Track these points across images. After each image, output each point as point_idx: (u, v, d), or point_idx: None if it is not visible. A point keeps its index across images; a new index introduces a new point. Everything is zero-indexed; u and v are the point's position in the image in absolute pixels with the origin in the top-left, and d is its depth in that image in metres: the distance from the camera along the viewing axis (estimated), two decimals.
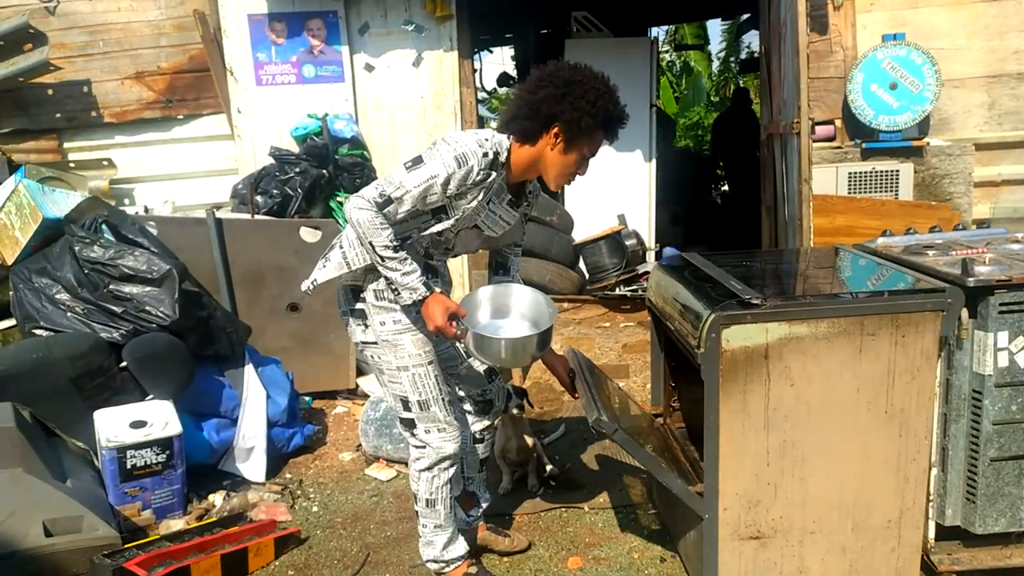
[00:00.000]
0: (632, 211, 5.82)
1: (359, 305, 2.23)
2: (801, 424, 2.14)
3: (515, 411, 2.92)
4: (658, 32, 13.01)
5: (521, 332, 2.27)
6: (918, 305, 2.10)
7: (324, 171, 4.78)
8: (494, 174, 2.10)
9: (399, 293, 2.08)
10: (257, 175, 4.74)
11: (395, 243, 2.03)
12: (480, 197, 2.12)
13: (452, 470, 2.35)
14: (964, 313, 2.14)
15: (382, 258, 2.03)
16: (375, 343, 2.23)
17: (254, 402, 3.30)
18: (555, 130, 2.07)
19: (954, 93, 4.59)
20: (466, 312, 2.17)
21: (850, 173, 4.63)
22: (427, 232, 2.18)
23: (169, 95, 5.27)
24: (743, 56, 13.29)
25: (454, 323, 2.11)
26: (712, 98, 14.35)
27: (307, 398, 4.05)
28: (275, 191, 4.54)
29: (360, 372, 4.16)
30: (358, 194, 2.05)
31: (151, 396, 3.07)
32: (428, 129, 5.21)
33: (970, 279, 2.12)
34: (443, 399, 2.28)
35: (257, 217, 4.20)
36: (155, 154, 5.34)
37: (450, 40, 5.11)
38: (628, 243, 5.50)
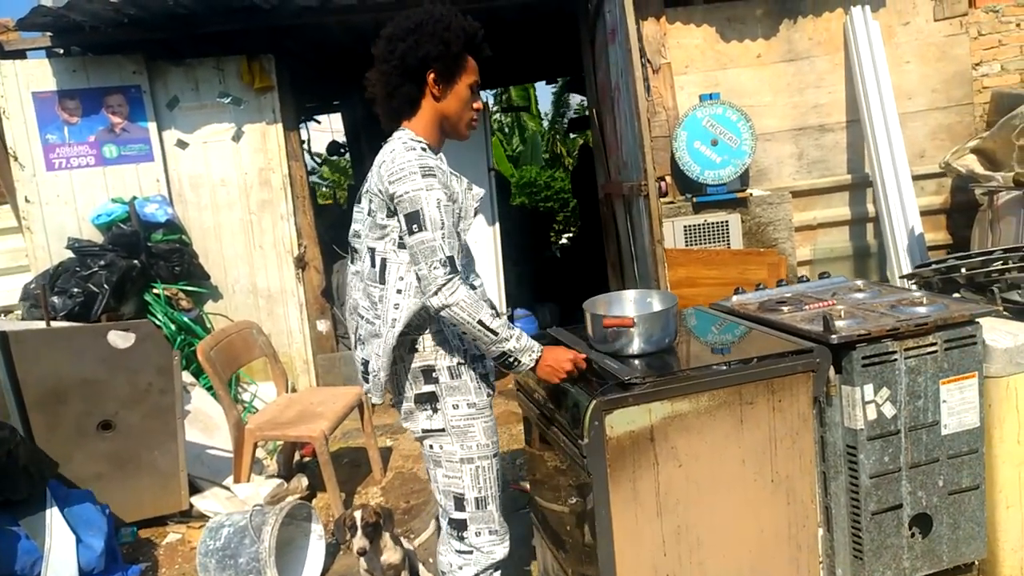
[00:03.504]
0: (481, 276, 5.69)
1: (428, 388, 2.00)
2: (693, 506, 2.02)
3: (358, 551, 2.49)
4: (487, 95, 13.34)
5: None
6: (790, 368, 2.07)
7: (135, 261, 4.26)
8: (440, 154, 1.99)
9: (518, 362, 1.93)
10: (53, 272, 4.13)
11: (494, 311, 1.89)
12: (457, 182, 1.97)
13: None
14: (831, 370, 2.14)
15: (494, 333, 1.86)
16: (442, 431, 2.02)
17: (60, 552, 2.72)
18: (431, 75, 1.93)
19: (767, 146, 4.91)
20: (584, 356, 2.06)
21: (685, 226, 4.77)
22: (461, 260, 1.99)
23: None
24: (573, 115, 13.87)
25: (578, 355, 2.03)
26: (543, 155, 14.83)
27: (132, 528, 3.46)
28: (76, 289, 3.96)
29: (195, 489, 3.63)
30: (429, 285, 1.81)
31: None
32: (255, 207, 4.82)
33: (833, 336, 2.12)
34: (499, 497, 2.10)
35: (54, 324, 3.60)
36: None
37: (273, 112, 4.79)
38: None
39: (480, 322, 1.83)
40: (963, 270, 2.65)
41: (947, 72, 4.86)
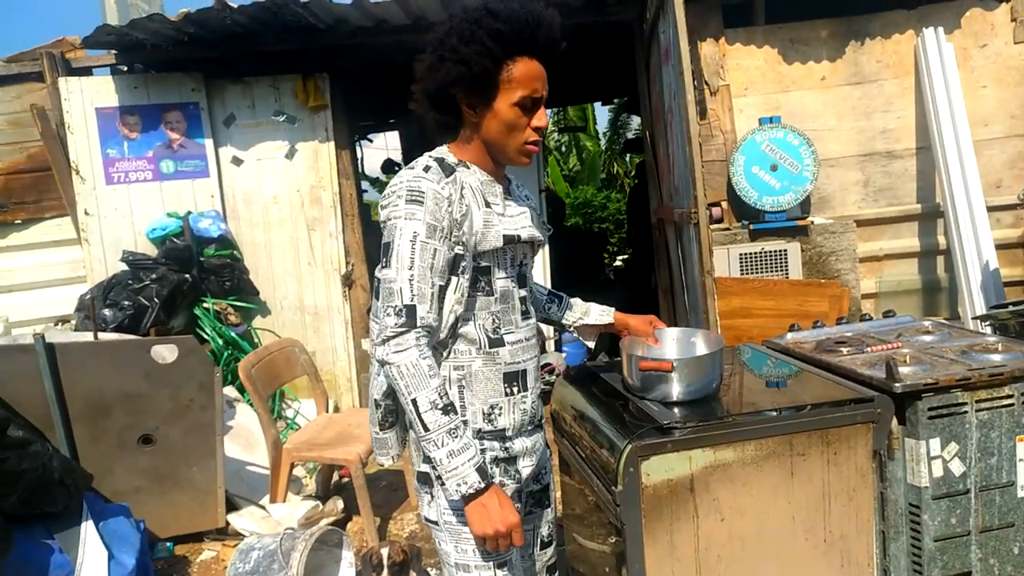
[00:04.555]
0: None
1: (425, 467, 1.65)
2: (736, 564, 1.87)
3: None
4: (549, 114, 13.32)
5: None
6: (848, 418, 1.90)
7: (187, 275, 4.31)
8: (456, 172, 1.60)
9: (441, 482, 1.55)
10: (106, 284, 4.21)
11: (445, 401, 1.49)
12: (477, 208, 1.60)
13: None
14: (894, 422, 1.96)
15: (424, 427, 1.48)
16: (435, 524, 1.67)
17: (92, 568, 2.72)
18: (461, 100, 1.58)
19: (831, 172, 4.70)
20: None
21: (741, 254, 4.59)
22: (491, 298, 1.65)
23: (4, 198, 4.67)
24: (630, 135, 13.73)
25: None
26: (600, 176, 14.72)
27: (168, 544, 3.46)
28: (126, 302, 4.02)
29: (232, 507, 3.62)
30: (376, 333, 1.52)
31: None
32: (307, 223, 4.85)
33: (897, 384, 1.94)
34: None
35: (101, 336, 3.65)
36: None
37: (325, 130, 4.82)
38: None
39: (414, 403, 1.47)
40: None
41: None
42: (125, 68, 4.84)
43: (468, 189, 1.60)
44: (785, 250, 4.61)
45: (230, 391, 4.23)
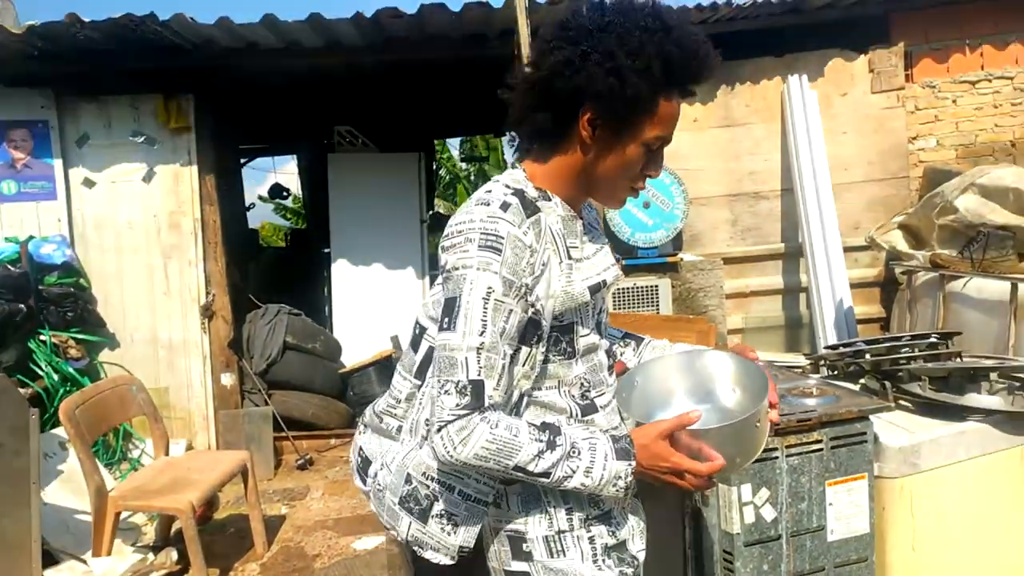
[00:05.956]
0: (407, 332, 5.46)
1: (520, 566, 1.30)
2: None
3: None
4: (456, 142, 13.29)
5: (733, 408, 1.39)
6: None
7: (21, 305, 3.97)
8: (539, 213, 1.27)
9: (597, 499, 1.29)
10: None
11: (542, 436, 1.20)
12: (558, 262, 1.28)
13: None
14: None
15: (543, 476, 1.20)
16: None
17: None
18: (586, 115, 1.23)
19: (702, 211, 4.80)
20: (692, 419, 1.22)
21: (615, 289, 4.61)
22: (573, 360, 1.33)
23: None
24: None
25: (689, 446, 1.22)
26: None
27: None
28: None
29: (53, 561, 3.29)
30: (435, 423, 1.19)
31: None
32: (164, 251, 4.58)
33: None
34: None
35: None
36: None
37: (188, 153, 4.59)
38: None
39: (520, 470, 1.19)
40: (868, 356, 2.48)
41: (884, 145, 4.81)
42: None
43: (549, 234, 1.27)
44: (656, 286, 4.65)
45: (62, 432, 3.89)
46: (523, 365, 1.26)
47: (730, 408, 1.37)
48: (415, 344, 1.40)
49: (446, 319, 1.20)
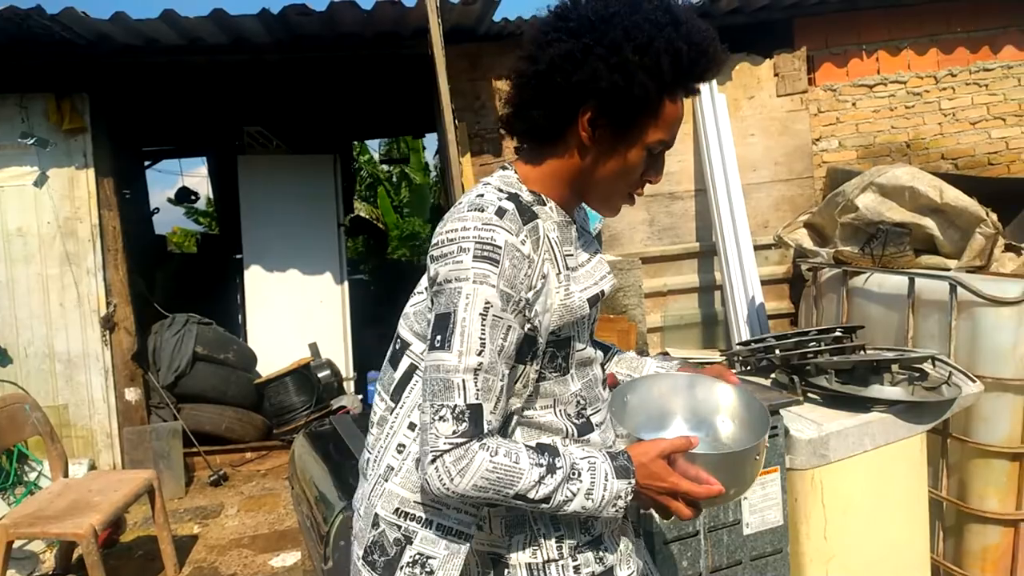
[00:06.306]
0: (325, 338, 5.32)
1: None
2: None
3: None
4: (376, 143, 13.07)
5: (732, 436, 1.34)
6: None
7: None
8: (536, 219, 1.16)
9: (588, 524, 1.22)
10: None
11: (542, 461, 1.10)
12: (556, 274, 1.18)
13: None
14: None
15: (545, 501, 1.10)
16: None
17: None
18: (586, 114, 1.14)
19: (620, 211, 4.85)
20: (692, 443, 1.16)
21: None
22: (568, 376, 1.23)
23: None
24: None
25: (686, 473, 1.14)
26: (430, 207, 14.62)
27: None
28: None
29: None
30: (428, 453, 1.07)
31: None
32: (59, 259, 4.30)
33: None
34: None
35: None
36: None
37: (84, 155, 4.34)
38: (321, 375, 4.97)
39: (520, 498, 1.09)
40: (777, 351, 2.55)
41: (789, 146, 4.99)
42: None
43: (547, 243, 1.17)
44: None
45: None
46: (515, 383, 1.17)
47: (721, 439, 1.35)
48: (394, 360, 1.27)
49: (438, 337, 1.10)
